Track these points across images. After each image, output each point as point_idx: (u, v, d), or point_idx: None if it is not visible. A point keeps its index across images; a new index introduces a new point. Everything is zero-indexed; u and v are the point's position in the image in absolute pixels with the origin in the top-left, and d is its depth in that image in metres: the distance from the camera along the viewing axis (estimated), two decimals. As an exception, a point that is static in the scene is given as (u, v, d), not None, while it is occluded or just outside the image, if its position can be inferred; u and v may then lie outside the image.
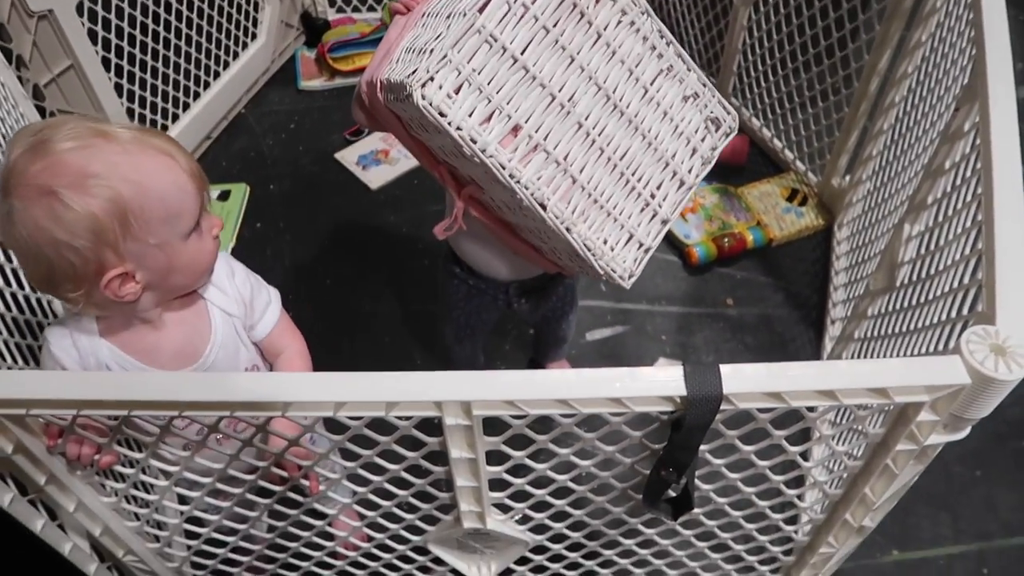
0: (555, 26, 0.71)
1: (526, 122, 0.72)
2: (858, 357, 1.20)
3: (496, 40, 0.68)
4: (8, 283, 1.01)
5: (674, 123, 0.82)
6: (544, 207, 0.74)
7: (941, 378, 0.57)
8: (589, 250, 0.77)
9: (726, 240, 1.59)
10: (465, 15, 0.67)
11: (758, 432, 0.65)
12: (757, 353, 1.47)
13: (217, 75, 1.89)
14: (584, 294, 1.54)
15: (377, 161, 1.83)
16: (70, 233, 0.68)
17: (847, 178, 1.60)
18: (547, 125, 0.73)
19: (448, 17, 0.71)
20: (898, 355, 0.99)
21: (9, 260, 1.02)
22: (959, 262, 0.82)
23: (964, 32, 0.99)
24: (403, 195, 1.77)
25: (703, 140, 0.84)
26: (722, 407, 0.58)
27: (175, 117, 1.78)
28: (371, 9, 2.19)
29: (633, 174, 0.80)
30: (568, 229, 0.75)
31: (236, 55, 1.94)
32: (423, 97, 0.66)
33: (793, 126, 1.71)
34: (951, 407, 0.59)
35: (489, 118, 0.70)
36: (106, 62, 1.57)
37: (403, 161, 1.81)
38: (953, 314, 0.80)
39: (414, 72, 0.66)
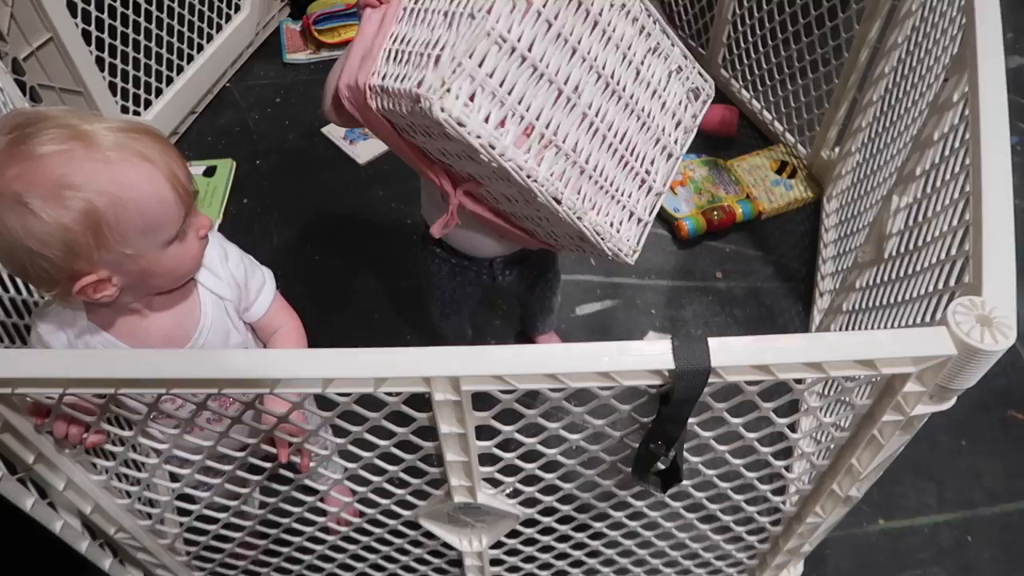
0: (556, 18, 0.70)
1: (537, 119, 0.71)
2: (846, 329, 1.20)
3: (505, 41, 0.67)
4: (-8, 261, 1.00)
5: (662, 99, 0.84)
6: (559, 202, 0.74)
7: (927, 349, 0.57)
8: (599, 235, 0.78)
9: (715, 213, 1.59)
10: (473, 17, 0.66)
11: (746, 404, 0.65)
12: (746, 326, 1.48)
13: (201, 48, 1.86)
14: (574, 268, 1.54)
15: (365, 135, 1.81)
16: (41, 243, 0.67)
17: (836, 150, 1.59)
18: (556, 120, 0.73)
19: (447, 16, 0.69)
20: (886, 327, 0.99)
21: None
22: (946, 233, 0.82)
23: (955, 1, 0.98)
24: (391, 169, 1.75)
25: (686, 110, 0.86)
26: (710, 380, 0.58)
27: (158, 91, 1.75)
28: (356, -20, 2.16)
29: (631, 154, 0.81)
30: (580, 218, 0.76)
31: (220, 27, 1.91)
32: (442, 109, 0.65)
33: (783, 98, 1.70)
34: (937, 378, 0.59)
35: (503, 121, 0.69)
36: (87, 35, 1.53)
37: (391, 135, 1.79)
38: (940, 285, 0.80)
39: (422, 82, 0.65)
